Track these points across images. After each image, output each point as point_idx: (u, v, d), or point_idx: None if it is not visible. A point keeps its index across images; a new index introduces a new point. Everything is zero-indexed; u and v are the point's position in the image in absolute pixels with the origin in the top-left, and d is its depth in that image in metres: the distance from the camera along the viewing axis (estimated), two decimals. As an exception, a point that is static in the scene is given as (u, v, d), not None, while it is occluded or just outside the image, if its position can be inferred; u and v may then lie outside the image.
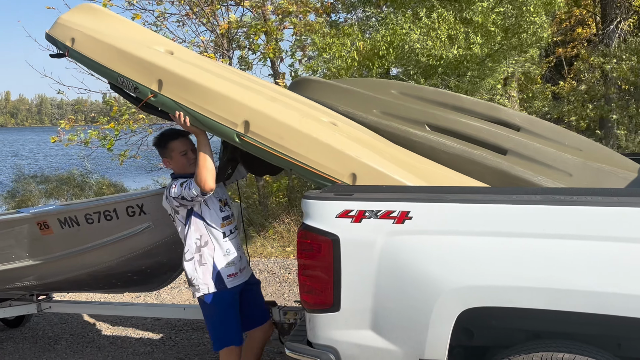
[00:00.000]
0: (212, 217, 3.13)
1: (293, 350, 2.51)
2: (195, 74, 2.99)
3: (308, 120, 2.87)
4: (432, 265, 2.21)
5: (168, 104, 2.94)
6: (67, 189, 14.59)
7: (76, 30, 3.26)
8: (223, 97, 2.86)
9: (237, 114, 2.79)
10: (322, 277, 2.38)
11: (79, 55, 3.22)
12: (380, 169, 2.67)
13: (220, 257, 3.12)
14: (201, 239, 3.09)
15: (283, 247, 8.16)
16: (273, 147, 2.74)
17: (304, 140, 2.73)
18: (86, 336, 5.37)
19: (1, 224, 4.18)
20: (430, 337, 2.21)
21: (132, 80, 3.00)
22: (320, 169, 2.69)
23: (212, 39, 10.06)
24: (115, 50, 3.09)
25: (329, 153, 2.70)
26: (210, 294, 3.11)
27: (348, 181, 2.65)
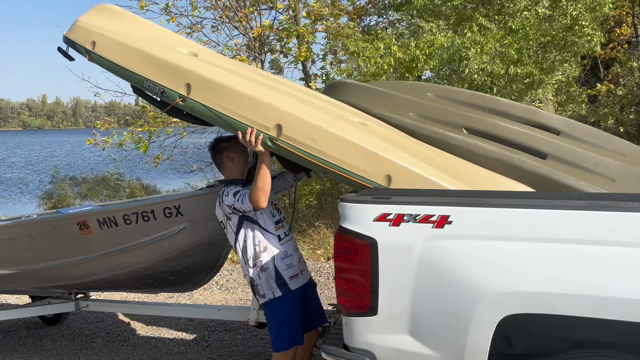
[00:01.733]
0: (265, 221, 3.13)
1: (329, 353, 2.50)
2: (224, 77, 2.94)
3: (340, 122, 2.82)
4: (472, 271, 2.18)
5: (197, 108, 2.89)
6: (101, 190, 14.90)
7: (97, 33, 3.19)
8: (254, 100, 2.82)
9: (269, 117, 2.76)
10: (359, 280, 2.38)
11: (101, 59, 3.14)
12: (415, 169, 2.65)
13: (279, 260, 3.12)
14: (260, 244, 3.09)
15: (313, 249, 8.17)
16: (306, 149, 2.71)
17: (336, 142, 2.70)
18: (121, 335, 5.47)
19: (43, 223, 4.29)
20: (469, 344, 2.18)
21: (160, 85, 2.93)
22: (354, 171, 2.66)
23: (244, 42, 10.16)
24: (140, 53, 3.02)
25: (363, 155, 2.66)
26: (276, 298, 3.11)
27: (383, 183, 2.62)
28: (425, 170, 2.66)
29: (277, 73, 10.46)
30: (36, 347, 5.30)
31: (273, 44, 10.22)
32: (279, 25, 9.69)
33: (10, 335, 5.71)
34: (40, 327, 5.88)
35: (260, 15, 9.97)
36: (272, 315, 3.15)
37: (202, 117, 2.96)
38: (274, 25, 9.83)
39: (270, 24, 9.72)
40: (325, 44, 10.14)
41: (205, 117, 2.93)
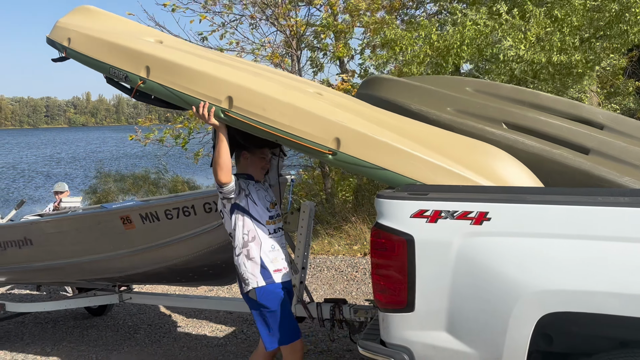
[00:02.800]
0: (258, 213, 3.14)
1: (366, 348, 2.51)
2: (179, 57, 3.09)
3: (290, 91, 2.90)
4: (511, 268, 2.16)
5: (156, 88, 3.04)
6: (143, 186, 15.27)
7: (72, 30, 3.45)
8: (206, 75, 2.94)
9: (220, 91, 2.86)
10: (396, 277, 2.38)
11: (75, 54, 3.39)
12: (363, 131, 2.65)
13: (266, 252, 3.13)
14: (249, 233, 3.11)
15: (350, 245, 8.17)
16: (257, 119, 2.77)
17: (285, 110, 2.75)
18: (163, 327, 5.61)
19: (88, 218, 4.44)
20: (508, 341, 2.16)
21: (122, 70, 3.12)
22: (304, 137, 2.70)
23: (281, 39, 10.22)
24: (106, 43, 3.24)
25: (311, 120, 2.71)
26: (260, 287, 3.09)
27: (332, 146, 2.65)
28: (375, 131, 2.67)
29: (316, 70, 10.48)
30: (83, 336, 5.49)
31: (310, 41, 10.25)
32: (319, 21, 9.70)
33: (58, 325, 5.93)
34: (86, 318, 6.08)
35: (297, 12, 10.01)
36: (258, 308, 3.11)
37: (162, 97, 3.10)
38: (310, 22, 9.84)
39: (307, 21, 9.74)
40: (363, 39, 10.10)
41: (164, 96, 3.07)
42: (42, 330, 5.82)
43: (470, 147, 2.78)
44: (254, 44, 9.88)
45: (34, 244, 4.57)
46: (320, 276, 7.05)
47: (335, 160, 2.69)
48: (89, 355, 4.95)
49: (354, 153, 2.63)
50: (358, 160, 2.62)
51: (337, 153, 2.65)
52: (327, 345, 4.70)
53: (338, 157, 2.65)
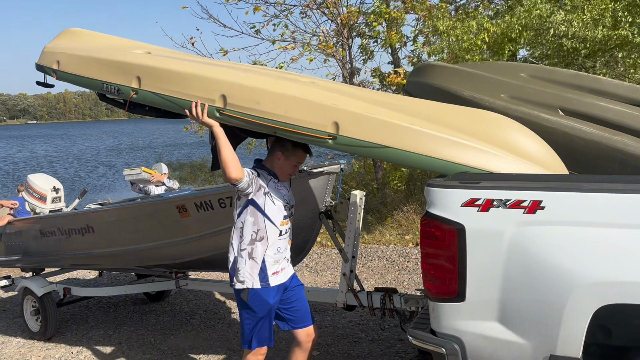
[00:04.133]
0: (274, 213, 3.03)
1: (416, 337, 2.50)
2: (168, 64, 3.10)
3: (282, 82, 2.86)
4: (566, 258, 2.10)
5: (149, 97, 3.04)
6: (199, 175, 15.66)
7: (60, 53, 3.51)
8: (196, 77, 2.94)
9: (212, 90, 2.85)
10: (447, 266, 2.35)
11: (65, 75, 3.43)
12: (361, 112, 2.60)
13: (270, 255, 3.04)
14: (258, 232, 3.01)
15: (401, 235, 8.13)
16: (252, 114, 2.75)
17: (279, 100, 2.72)
18: (217, 313, 5.76)
19: (146, 206, 4.60)
20: (563, 333, 2.10)
21: (114, 84, 3.15)
22: (302, 125, 2.65)
23: (332, 28, 10.20)
24: (95, 60, 3.28)
25: (307, 107, 2.66)
26: (255, 289, 3.01)
27: (331, 130, 2.60)
28: (373, 111, 2.62)
29: (366, 58, 10.41)
30: (142, 321, 5.72)
31: (361, 29, 10.18)
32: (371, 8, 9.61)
33: (119, 310, 6.19)
34: (145, 303, 6.33)
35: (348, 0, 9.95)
36: (246, 307, 3.05)
37: (156, 105, 3.10)
38: (361, 10, 9.77)
39: (358, 9, 9.68)
40: (415, 25, 9.95)
41: (159, 104, 3.08)
42: (104, 313, 6.10)
43: (472, 116, 2.72)
44: (305, 33, 9.90)
45: (95, 231, 4.78)
46: (372, 265, 7.05)
47: (335, 145, 2.64)
48: (147, 338, 5.15)
49: (354, 134, 2.58)
50: (359, 141, 2.57)
51: (336, 137, 2.61)
52: (377, 334, 4.71)
53: (338, 140, 2.61)
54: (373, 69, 10.28)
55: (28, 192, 5.92)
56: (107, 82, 3.20)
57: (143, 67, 3.10)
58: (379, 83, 10.15)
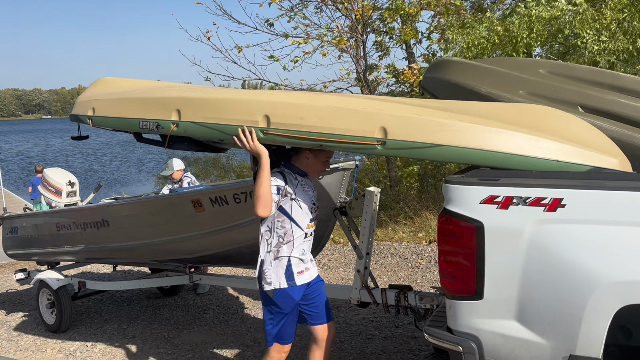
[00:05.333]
0: (300, 217, 3.05)
1: (433, 335, 2.48)
2: (206, 93, 3.09)
3: (321, 95, 2.84)
4: (587, 257, 2.06)
5: (191, 128, 3.00)
6: (212, 171, 15.70)
7: (94, 100, 3.52)
8: (237, 101, 2.92)
9: (255, 112, 2.81)
10: (464, 264, 2.33)
11: (101, 119, 3.43)
12: (407, 114, 2.56)
13: (295, 256, 3.06)
14: (285, 236, 3.03)
15: (414, 232, 8.09)
16: (297, 129, 2.71)
17: (323, 113, 2.69)
18: (231, 308, 5.78)
19: (160, 201, 4.61)
20: (583, 333, 2.07)
21: (153, 120, 3.12)
22: (349, 134, 2.61)
23: (347, 24, 10.16)
24: (131, 101, 3.27)
25: (352, 116, 2.63)
26: (281, 289, 3.03)
27: (380, 135, 2.54)
28: (418, 112, 2.58)
29: (381, 55, 10.36)
30: (155, 315, 5.75)
31: (376, 25, 10.13)
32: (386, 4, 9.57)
33: (133, 304, 6.23)
34: (158, 298, 6.36)
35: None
36: (272, 307, 3.07)
37: (198, 135, 3.05)
38: (376, 5, 9.72)
39: (373, 4, 9.63)
40: (431, 22, 9.88)
41: (201, 135, 3.04)
42: (118, 307, 6.14)
43: (519, 109, 2.66)
44: (319, 28, 9.87)
45: (110, 225, 4.81)
46: (384, 263, 7.03)
47: (385, 150, 2.59)
48: (161, 333, 5.18)
49: (404, 137, 2.53)
50: (410, 143, 2.52)
51: (386, 142, 2.56)
52: (391, 332, 4.70)
53: (388, 145, 2.55)
54: (387, 65, 10.24)
55: (44, 186, 5.97)
56: (145, 120, 3.16)
57: (181, 100, 3.09)
58: (394, 79, 10.10)
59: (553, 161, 2.33)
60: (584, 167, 2.32)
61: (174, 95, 3.16)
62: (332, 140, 2.66)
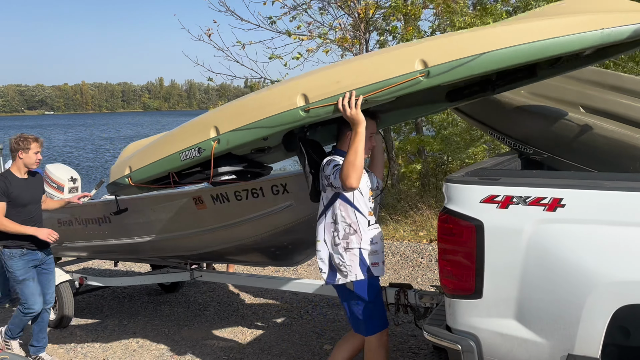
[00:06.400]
0: (361, 204, 2.96)
1: (432, 333, 2.50)
2: (237, 100, 3.02)
3: (351, 59, 2.81)
4: (586, 257, 2.07)
5: (233, 138, 2.89)
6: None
7: (128, 160, 3.44)
8: (271, 93, 2.86)
9: (291, 96, 2.74)
10: (464, 263, 2.34)
11: (140, 171, 3.31)
12: (441, 40, 2.53)
13: (366, 246, 2.96)
14: (351, 226, 2.93)
15: (415, 231, 8.09)
16: (338, 94, 2.64)
17: (358, 69, 2.64)
18: (231, 305, 5.79)
19: (163, 198, 4.62)
20: (581, 333, 2.08)
21: (193, 145, 3.01)
22: (390, 78, 2.52)
23: (349, 22, 10.15)
24: (165, 141, 3.19)
25: (387, 62, 2.58)
26: (359, 281, 2.96)
27: (420, 67, 2.47)
28: (451, 35, 2.54)
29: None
30: (156, 311, 5.76)
31: (379, 23, 10.12)
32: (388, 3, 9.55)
33: (134, 300, 6.25)
34: (159, 294, 6.38)
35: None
36: (354, 299, 3.01)
37: (243, 142, 2.90)
38: (379, 4, 9.71)
39: (376, 3, 9.62)
40: (433, 21, 9.87)
41: (245, 140, 2.89)
42: (119, 303, 6.16)
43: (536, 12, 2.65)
44: (322, 26, 9.86)
45: (111, 221, 4.82)
46: (385, 261, 7.03)
47: (432, 79, 2.47)
48: (161, 329, 5.19)
49: (445, 59, 2.44)
50: (453, 62, 2.41)
51: (429, 71, 2.46)
52: (391, 330, 4.70)
53: (432, 72, 2.46)
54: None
55: (46, 181, 5.98)
56: (185, 149, 3.05)
57: (215, 116, 3.00)
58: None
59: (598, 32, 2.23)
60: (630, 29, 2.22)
61: (208, 116, 3.08)
62: (376, 91, 2.57)
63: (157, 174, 3.23)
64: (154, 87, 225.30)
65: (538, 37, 2.28)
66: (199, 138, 3.00)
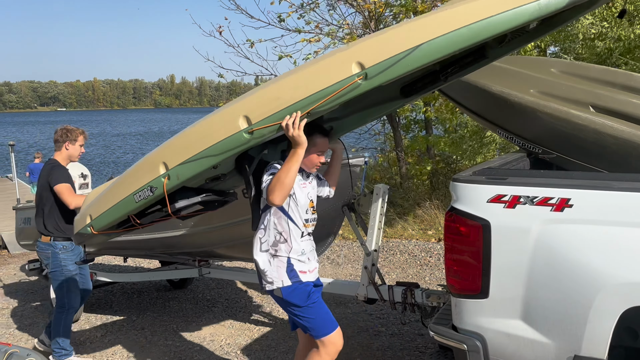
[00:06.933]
0: (296, 215, 2.89)
1: (438, 333, 2.49)
2: (183, 132, 2.88)
3: (290, 71, 2.67)
4: (594, 258, 2.06)
5: (182, 171, 2.75)
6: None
7: (87, 209, 3.28)
8: (214, 120, 2.72)
9: (233, 120, 2.59)
10: (471, 262, 2.33)
11: (100, 219, 3.15)
12: (375, 38, 2.37)
13: (294, 257, 2.89)
14: (282, 234, 2.87)
15: (424, 230, 8.08)
16: (279, 111, 2.50)
17: (295, 81, 2.51)
18: (239, 301, 5.81)
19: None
20: (588, 334, 2.07)
21: (145, 185, 2.86)
22: (329, 86, 2.38)
23: (359, 20, 10.13)
24: (118, 184, 3.05)
25: (324, 69, 2.44)
26: (286, 287, 2.87)
27: (357, 70, 2.33)
28: (384, 32, 2.38)
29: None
30: (165, 307, 5.80)
31: (389, 22, 10.10)
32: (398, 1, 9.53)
33: (143, 296, 6.29)
34: (168, 290, 6.41)
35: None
36: (292, 305, 2.91)
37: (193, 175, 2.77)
38: (389, 2, 9.69)
39: (386, 1, 9.59)
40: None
41: (194, 172, 2.75)
42: (128, 299, 6.20)
43: None
44: (330, 24, 9.85)
45: (122, 218, 4.85)
46: (393, 260, 7.03)
47: (370, 81, 2.34)
48: (170, 325, 5.23)
49: (382, 57, 2.29)
50: (389, 60, 2.27)
51: (367, 73, 2.32)
52: (398, 329, 4.70)
53: (370, 73, 2.31)
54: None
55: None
56: (138, 190, 2.91)
57: (161, 151, 2.87)
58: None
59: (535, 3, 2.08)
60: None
61: (154, 152, 2.93)
62: (316, 101, 2.44)
63: (118, 219, 3.10)
64: (165, 84, 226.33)
65: (473, 18, 2.14)
66: (149, 177, 2.86)
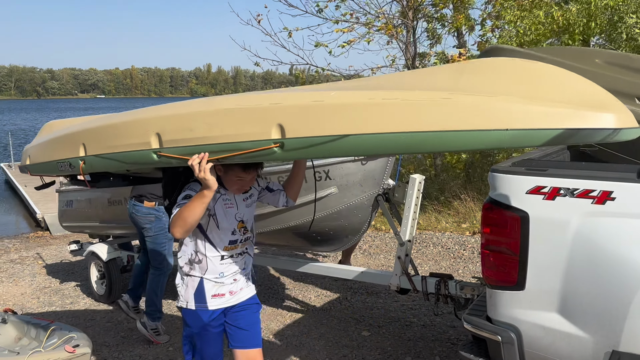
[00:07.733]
0: (216, 238, 2.64)
1: (472, 324, 2.49)
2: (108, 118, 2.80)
3: (225, 98, 2.42)
4: (635, 252, 2.02)
5: (96, 162, 2.63)
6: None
7: (30, 148, 3.31)
8: (130, 122, 2.53)
9: (146, 133, 2.36)
10: (508, 254, 2.32)
11: (35, 167, 3.17)
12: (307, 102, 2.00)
13: (209, 279, 2.68)
14: (197, 254, 2.66)
15: (458, 223, 8.01)
16: (188, 145, 2.25)
17: (214, 118, 2.20)
18: (271, 288, 5.88)
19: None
20: (627, 329, 2.04)
21: (65, 160, 2.80)
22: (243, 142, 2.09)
23: (397, 9, 10.05)
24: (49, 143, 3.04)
25: (244, 117, 2.11)
26: (188, 309, 2.71)
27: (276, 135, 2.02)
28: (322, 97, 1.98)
29: (433, 43, 10.21)
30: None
31: (428, 11, 9.98)
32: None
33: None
34: (202, 274, 6.53)
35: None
36: (185, 325, 2.79)
37: (107, 169, 2.71)
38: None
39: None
40: (484, 9, 9.66)
41: (107, 167, 2.67)
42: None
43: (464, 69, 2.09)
44: (368, 14, 9.80)
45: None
46: (426, 252, 6.99)
47: (286, 153, 2.04)
48: (204, 308, 5.33)
49: (305, 133, 1.96)
50: (312, 139, 1.94)
51: (284, 144, 2.01)
52: (430, 320, 4.69)
53: (288, 145, 2.01)
54: (436, 52, 10.09)
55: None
56: (60, 161, 2.82)
57: (86, 132, 2.72)
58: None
59: (502, 131, 1.66)
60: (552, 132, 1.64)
61: (81, 129, 2.81)
62: (227, 152, 2.15)
63: (47, 173, 3.17)
64: (201, 73, 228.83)
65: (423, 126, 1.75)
66: (70, 153, 2.77)
